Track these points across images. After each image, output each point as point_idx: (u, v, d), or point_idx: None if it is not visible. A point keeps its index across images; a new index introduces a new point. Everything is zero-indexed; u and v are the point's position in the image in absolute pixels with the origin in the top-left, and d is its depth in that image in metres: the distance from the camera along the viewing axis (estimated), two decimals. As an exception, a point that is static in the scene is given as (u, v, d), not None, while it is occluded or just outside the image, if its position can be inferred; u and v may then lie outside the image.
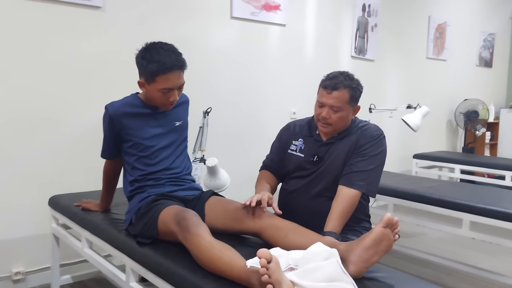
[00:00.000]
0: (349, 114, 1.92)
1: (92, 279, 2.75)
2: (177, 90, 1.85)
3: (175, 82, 1.81)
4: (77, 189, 2.68)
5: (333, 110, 1.87)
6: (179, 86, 1.85)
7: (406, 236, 3.79)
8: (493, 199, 2.58)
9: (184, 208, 1.70)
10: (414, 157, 4.90)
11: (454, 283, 2.89)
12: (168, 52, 1.80)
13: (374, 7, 4.50)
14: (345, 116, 1.90)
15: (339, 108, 1.87)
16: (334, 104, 1.86)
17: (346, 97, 1.87)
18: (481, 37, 6.12)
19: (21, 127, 2.54)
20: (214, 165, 2.57)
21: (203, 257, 1.44)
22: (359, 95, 1.93)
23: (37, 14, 2.53)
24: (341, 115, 1.88)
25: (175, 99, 1.86)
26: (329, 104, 1.87)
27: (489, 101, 6.22)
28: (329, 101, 1.87)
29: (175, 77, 1.80)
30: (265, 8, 3.58)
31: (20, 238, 2.61)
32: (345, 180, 1.87)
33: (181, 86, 1.87)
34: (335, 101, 1.86)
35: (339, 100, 1.86)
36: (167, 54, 1.79)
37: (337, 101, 1.86)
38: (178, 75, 1.81)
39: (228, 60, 3.43)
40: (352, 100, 1.90)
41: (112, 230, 1.94)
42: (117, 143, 1.96)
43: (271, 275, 1.20)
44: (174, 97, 1.84)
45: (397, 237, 1.45)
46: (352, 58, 4.37)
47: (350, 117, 1.95)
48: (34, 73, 2.55)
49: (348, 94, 1.87)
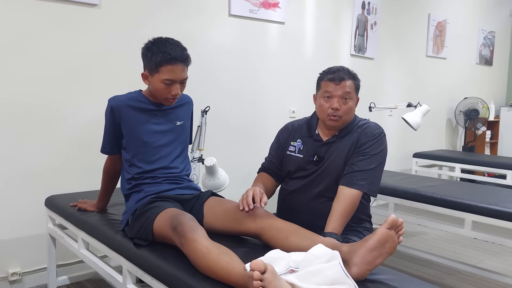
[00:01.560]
0: (354, 105, 1.93)
1: (89, 280, 2.73)
2: (179, 85, 1.85)
3: (178, 74, 1.82)
4: (74, 189, 2.65)
5: (343, 99, 1.87)
6: (182, 79, 1.85)
7: (407, 235, 3.77)
8: (495, 198, 2.56)
9: (180, 212, 1.67)
10: (414, 156, 4.88)
11: (455, 283, 2.87)
12: (174, 46, 1.83)
13: (374, 5, 4.48)
14: (353, 106, 1.91)
15: (349, 95, 1.88)
16: (344, 91, 1.87)
17: (353, 86, 1.90)
18: (481, 35, 6.10)
19: (17, 127, 2.51)
20: (213, 165, 2.54)
21: (201, 263, 1.42)
22: (360, 86, 1.96)
23: (32, 12, 2.50)
24: (350, 105, 1.89)
25: (177, 93, 1.86)
26: (339, 94, 1.87)
27: (490, 99, 6.21)
28: (339, 90, 1.87)
29: (179, 69, 1.82)
30: (264, 5, 3.55)
31: (17, 238, 2.58)
32: (346, 180, 1.85)
33: (184, 81, 1.87)
34: (345, 89, 1.87)
35: (349, 88, 1.88)
36: (172, 47, 1.82)
37: (347, 89, 1.87)
38: (182, 68, 1.83)
39: (226, 58, 3.40)
40: (357, 90, 1.92)
41: (109, 231, 1.91)
42: (117, 137, 1.95)
43: (267, 287, 1.16)
44: (176, 90, 1.85)
45: (401, 239, 1.42)
46: (351, 56, 4.34)
47: (355, 108, 1.95)
48: (30, 72, 2.52)
49: (353, 83, 1.90)
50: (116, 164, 2.05)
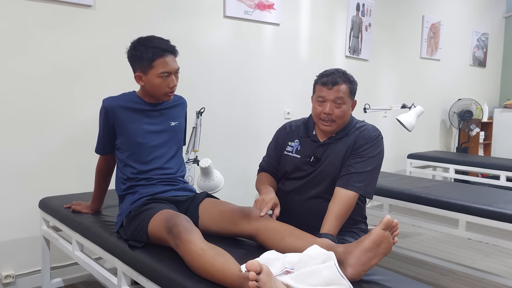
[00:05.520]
0: (349, 108, 1.92)
1: (84, 282, 2.71)
2: (174, 76, 1.88)
3: (172, 65, 1.86)
4: (68, 191, 2.64)
5: (336, 104, 1.86)
6: (176, 70, 1.89)
7: (401, 236, 3.77)
8: (489, 199, 2.57)
9: (175, 213, 1.66)
10: (408, 157, 4.89)
11: (449, 283, 2.88)
12: (159, 39, 1.88)
13: (368, 7, 4.49)
14: (347, 110, 1.89)
15: (342, 100, 1.86)
16: (337, 96, 1.85)
17: (347, 90, 1.87)
18: (475, 37, 6.13)
19: (10, 128, 2.49)
20: (208, 166, 2.54)
21: (196, 264, 1.41)
22: (356, 89, 1.93)
23: (26, 13, 2.48)
24: (344, 108, 1.87)
25: (175, 84, 1.89)
26: (331, 98, 1.85)
27: (483, 100, 6.24)
28: (332, 95, 1.85)
29: (171, 60, 1.86)
30: (259, 7, 3.55)
31: (10, 240, 2.56)
32: (343, 182, 1.85)
33: (177, 71, 1.91)
34: (338, 93, 1.85)
35: (342, 93, 1.85)
36: (158, 40, 1.87)
37: (340, 93, 1.85)
38: (173, 58, 1.88)
39: (221, 59, 3.40)
40: (351, 93, 1.90)
41: (103, 232, 1.90)
42: (111, 138, 1.96)
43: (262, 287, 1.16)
44: (173, 82, 1.88)
45: (396, 240, 1.42)
46: (346, 57, 4.35)
47: (350, 112, 1.94)
48: (24, 72, 2.51)
49: (348, 87, 1.87)
50: (109, 163, 2.06)
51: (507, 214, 2.34)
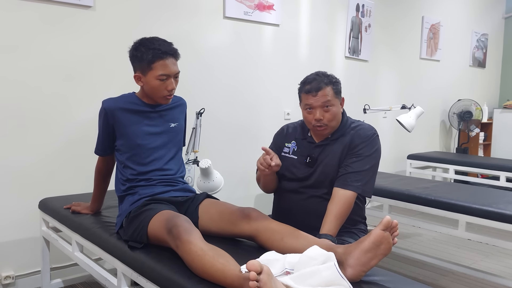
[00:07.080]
0: (339, 108, 1.92)
1: (84, 283, 2.71)
2: (173, 79, 1.87)
3: (172, 68, 1.84)
4: (68, 191, 2.64)
5: (324, 108, 1.86)
6: (175, 73, 1.87)
7: (401, 237, 3.77)
8: (488, 199, 2.57)
9: (175, 213, 1.66)
10: (408, 158, 4.89)
11: (449, 284, 2.88)
12: (161, 41, 1.87)
13: (368, 7, 4.49)
14: (337, 111, 1.89)
15: (329, 103, 1.85)
16: (324, 101, 1.85)
17: (332, 92, 1.87)
18: (474, 38, 6.14)
19: (10, 128, 2.49)
20: (208, 167, 2.54)
21: (196, 265, 1.41)
22: (340, 87, 1.93)
23: (26, 14, 2.48)
24: (333, 110, 1.87)
25: (173, 87, 1.88)
26: (319, 104, 1.85)
27: (483, 101, 6.24)
28: (318, 101, 1.85)
29: (171, 63, 1.85)
30: (259, 8, 3.55)
31: (10, 241, 2.56)
32: (341, 182, 1.85)
33: (177, 75, 1.90)
34: (324, 98, 1.85)
35: (328, 96, 1.85)
36: (160, 42, 1.86)
37: (327, 97, 1.85)
38: (173, 61, 1.86)
39: (221, 60, 3.40)
40: (337, 94, 1.90)
41: (103, 233, 1.90)
42: (111, 139, 1.96)
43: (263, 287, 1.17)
44: (172, 85, 1.87)
45: (396, 241, 1.42)
46: (346, 58, 4.35)
47: (341, 111, 1.94)
48: (24, 73, 2.51)
49: (332, 89, 1.87)
50: (108, 163, 2.06)
51: (506, 215, 2.34)
